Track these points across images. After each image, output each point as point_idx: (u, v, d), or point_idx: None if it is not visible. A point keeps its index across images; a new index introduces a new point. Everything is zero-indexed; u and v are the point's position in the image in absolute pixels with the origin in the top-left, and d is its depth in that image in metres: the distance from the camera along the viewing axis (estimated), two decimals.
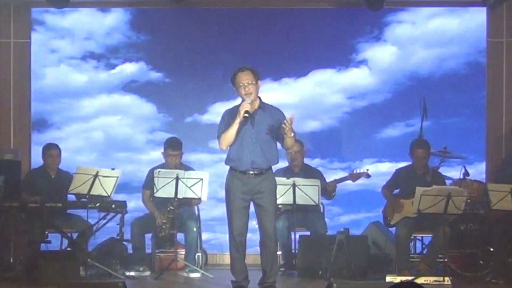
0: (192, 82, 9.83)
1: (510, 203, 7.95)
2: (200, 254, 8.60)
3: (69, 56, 9.81)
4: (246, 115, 6.81)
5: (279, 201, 7.86)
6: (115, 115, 9.87)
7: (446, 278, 7.75)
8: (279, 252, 8.08)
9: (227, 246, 7.23)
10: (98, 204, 8.23)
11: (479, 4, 9.63)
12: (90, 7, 9.80)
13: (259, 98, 7.02)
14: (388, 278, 7.75)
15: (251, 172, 6.95)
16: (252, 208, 7.09)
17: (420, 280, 7.48)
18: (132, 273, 8.26)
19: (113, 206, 8.25)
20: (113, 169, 8.41)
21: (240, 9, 9.85)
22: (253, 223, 7.14)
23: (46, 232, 8.23)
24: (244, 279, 7.06)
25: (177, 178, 8.17)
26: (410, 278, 7.68)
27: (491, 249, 8.28)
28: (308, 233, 8.68)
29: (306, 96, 9.84)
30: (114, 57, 9.84)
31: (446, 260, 7.99)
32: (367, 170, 8.94)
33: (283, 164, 8.40)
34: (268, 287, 7.04)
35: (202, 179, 8.22)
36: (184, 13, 9.80)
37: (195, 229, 8.48)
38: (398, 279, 7.63)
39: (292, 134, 6.87)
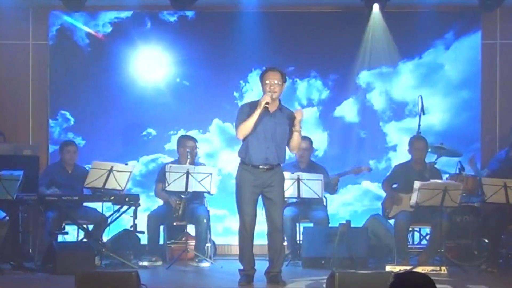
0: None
1: (504, 197, 8.09)
2: (209, 244, 8.72)
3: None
4: (267, 105, 7.03)
5: (285, 194, 7.90)
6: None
7: (443, 268, 7.90)
8: (285, 243, 8.10)
9: (235, 237, 7.47)
10: (112, 197, 8.40)
11: (473, 8, 9.70)
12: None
13: (279, 100, 7.23)
14: (388, 268, 7.87)
15: (263, 167, 7.15)
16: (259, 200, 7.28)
17: (418, 270, 7.57)
18: (145, 263, 8.43)
19: (127, 199, 8.43)
20: (126, 164, 8.59)
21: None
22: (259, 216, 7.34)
23: (63, 224, 8.48)
24: (251, 268, 7.25)
25: (188, 173, 8.36)
26: (408, 267, 7.83)
27: (486, 240, 8.51)
28: (311, 224, 8.84)
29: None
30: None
31: (442, 250, 8.13)
32: (369, 165, 9.24)
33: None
34: (274, 276, 7.22)
35: (211, 174, 8.41)
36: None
37: (205, 221, 8.65)
38: (397, 268, 7.70)
39: (299, 128, 7.13)
